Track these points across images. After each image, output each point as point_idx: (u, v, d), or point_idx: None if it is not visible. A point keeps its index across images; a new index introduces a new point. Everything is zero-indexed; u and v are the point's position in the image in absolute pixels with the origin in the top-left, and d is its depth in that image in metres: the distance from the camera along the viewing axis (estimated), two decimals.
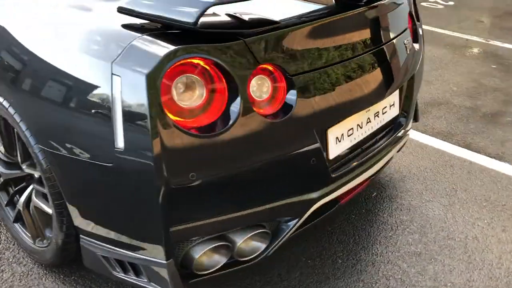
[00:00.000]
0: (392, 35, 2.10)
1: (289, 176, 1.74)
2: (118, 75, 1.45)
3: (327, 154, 1.85)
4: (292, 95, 1.67)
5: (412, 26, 2.36)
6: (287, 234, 1.81)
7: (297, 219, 1.81)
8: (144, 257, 1.63)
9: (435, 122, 3.64)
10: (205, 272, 1.71)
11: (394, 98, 2.20)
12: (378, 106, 2.09)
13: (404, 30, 2.21)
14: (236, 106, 1.53)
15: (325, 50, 1.77)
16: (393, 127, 2.28)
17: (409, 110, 2.38)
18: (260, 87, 1.62)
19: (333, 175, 1.87)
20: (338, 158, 1.94)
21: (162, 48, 1.43)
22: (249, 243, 1.76)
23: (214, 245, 1.66)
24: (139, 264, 1.66)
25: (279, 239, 1.81)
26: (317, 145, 1.76)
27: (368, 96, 1.96)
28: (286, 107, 1.67)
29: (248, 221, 1.71)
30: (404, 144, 2.42)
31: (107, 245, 1.70)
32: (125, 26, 1.57)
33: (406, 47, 2.19)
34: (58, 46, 1.65)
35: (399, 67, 2.11)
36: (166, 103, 1.44)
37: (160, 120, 1.41)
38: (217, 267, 1.72)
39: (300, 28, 1.70)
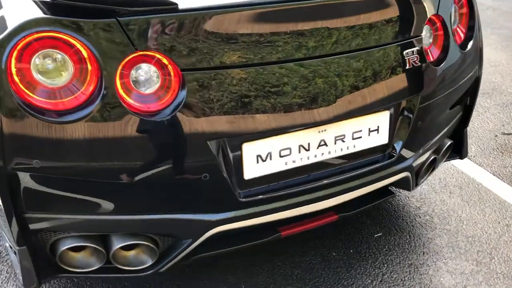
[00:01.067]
0: (365, 41, 1.66)
1: (168, 188, 1.54)
2: None
3: (237, 173, 1.60)
4: (180, 95, 1.45)
5: (444, 36, 1.88)
6: (179, 253, 1.65)
7: (190, 240, 1.63)
8: (7, 242, 1.64)
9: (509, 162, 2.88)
10: (77, 270, 1.63)
11: (377, 121, 1.77)
12: (342, 128, 1.71)
13: (403, 40, 1.75)
14: (97, 95, 1.39)
15: (243, 45, 1.48)
16: (376, 159, 1.84)
17: (411, 141, 1.86)
18: (143, 78, 1.45)
19: (245, 199, 1.62)
20: (261, 180, 1.66)
21: (18, 18, 1.35)
22: (131, 253, 1.65)
23: (80, 244, 1.57)
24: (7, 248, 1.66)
25: (171, 257, 1.67)
26: (212, 159, 1.52)
27: (310, 113, 1.60)
28: (171, 107, 1.46)
29: (120, 229, 1.58)
30: (403, 182, 1.95)
31: None
32: None
33: (402, 60, 1.74)
34: None
35: (375, 83, 1.70)
36: (16, 77, 1.34)
37: (3, 96, 1.33)
38: (91, 269, 1.63)
39: (209, 14, 1.43)
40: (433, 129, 1.98)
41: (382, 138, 1.83)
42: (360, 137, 1.78)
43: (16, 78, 1.35)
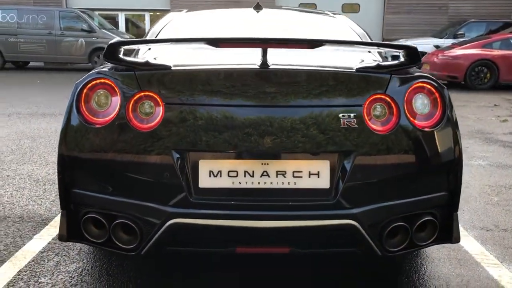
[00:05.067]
0: (310, 100, 2.12)
1: (143, 180, 2.12)
2: None
3: (193, 181, 2.11)
4: (157, 118, 2.13)
5: (391, 113, 2.17)
6: (151, 238, 2.12)
7: (157, 227, 2.10)
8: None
9: None
10: (92, 239, 2.23)
11: (317, 167, 2.12)
12: (283, 165, 2.11)
13: (343, 106, 2.13)
14: (120, 114, 2.17)
15: (209, 91, 2.14)
16: (317, 199, 2.13)
17: (352, 193, 2.12)
18: (140, 107, 2.16)
19: (197, 201, 2.09)
20: (214, 191, 2.11)
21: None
22: (124, 234, 2.17)
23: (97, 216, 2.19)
24: None
25: (146, 241, 2.14)
26: (171, 164, 2.09)
27: (256, 147, 2.06)
28: (155, 124, 2.12)
29: (109, 207, 2.16)
30: (356, 235, 2.13)
31: None
32: None
33: (340, 121, 2.11)
34: None
35: (314, 135, 2.08)
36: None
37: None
38: (99, 240, 2.21)
39: (185, 72, 2.23)
40: (384, 191, 2.18)
41: (322, 183, 2.14)
42: (301, 176, 2.13)
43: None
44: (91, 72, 2.26)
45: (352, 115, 2.14)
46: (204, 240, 2.21)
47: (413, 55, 2.22)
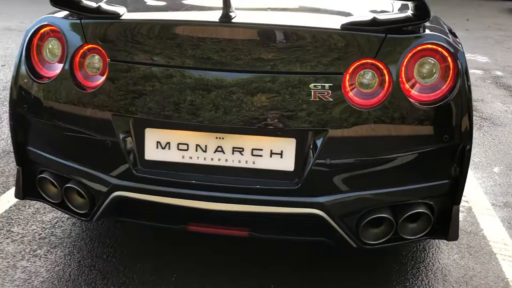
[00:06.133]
0: (277, 65, 1.76)
1: (87, 146, 1.93)
2: None
3: (139, 152, 1.86)
4: (103, 76, 1.86)
5: (382, 83, 1.77)
6: (99, 207, 1.94)
7: (103, 197, 1.92)
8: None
9: None
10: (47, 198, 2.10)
11: (280, 146, 1.79)
12: (241, 141, 1.80)
13: (318, 73, 1.76)
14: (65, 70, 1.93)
15: (160, 49, 1.82)
16: (279, 183, 1.81)
17: (321, 179, 1.79)
18: (86, 63, 1.92)
19: (142, 175, 1.86)
20: (161, 164, 1.86)
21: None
22: (78, 198, 2.01)
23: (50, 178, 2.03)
24: None
25: (95, 209, 1.96)
26: (113, 131, 1.84)
27: (209, 119, 1.76)
28: (99, 85, 1.87)
29: (60, 169, 1.99)
30: (324, 225, 1.83)
31: None
32: None
33: (313, 92, 1.74)
34: None
35: (279, 107, 1.74)
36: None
37: None
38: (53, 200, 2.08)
39: (134, 23, 1.88)
40: (363, 179, 1.83)
41: (286, 165, 1.81)
42: (261, 155, 1.81)
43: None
44: (41, 18, 2.01)
45: (327, 85, 1.75)
46: (152, 215, 2.01)
47: (420, 8, 1.74)
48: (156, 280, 2.13)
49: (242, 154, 1.82)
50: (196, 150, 1.83)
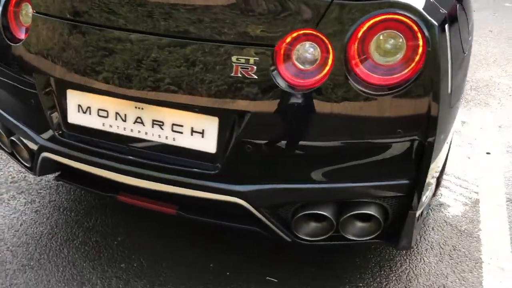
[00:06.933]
0: (200, 32, 1.52)
1: (15, 101, 1.87)
2: None
3: (62, 113, 1.77)
4: (25, 30, 1.78)
5: (324, 60, 1.48)
6: (36, 165, 1.88)
7: (36, 156, 1.86)
8: None
9: None
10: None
11: (202, 124, 1.60)
12: (161, 114, 1.63)
13: (244, 44, 1.50)
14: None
15: (84, 7, 1.65)
16: (200, 165, 1.63)
17: (243, 166, 1.60)
18: (17, 13, 1.82)
19: (65, 139, 1.77)
20: (83, 129, 1.75)
21: None
22: (19, 148, 1.95)
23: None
24: None
25: (34, 163, 1.90)
26: (35, 90, 1.76)
27: (128, 85, 1.59)
28: (22, 39, 1.78)
29: (4, 122, 1.94)
30: (248, 214, 1.65)
31: None
32: None
33: (236, 67, 1.49)
34: None
35: (200, 80, 1.53)
36: None
37: None
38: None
39: None
40: (294, 170, 1.59)
41: (207, 145, 1.61)
42: (181, 132, 1.63)
43: None
44: None
45: (252, 60, 1.49)
46: (85, 180, 1.91)
47: None
48: (108, 242, 2.10)
49: (162, 129, 1.64)
50: (116, 119, 1.69)
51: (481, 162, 2.84)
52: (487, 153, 2.94)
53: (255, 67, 1.49)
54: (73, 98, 1.73)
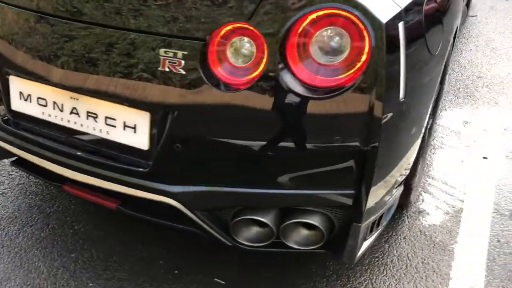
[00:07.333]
0: (130, 22, 1.45)
1: None
2: None
3: (6, 100, 1.75)
4: None
5: (258, 56, 1.38)
6: None
7: None
8: None
9: None
10: None
11: (134, 119, 1.53)
12: (95, 106, 1.58)
13: (172, 36, 1.42)
14: None
15: None
16: (132, 161, 1.58)
17: (173, 166, 1.53)
18: None
19: (8, 127, 1.76)
20: (27, 118, 1.73)
21: None
22: None
23: None
24: None
25: None
26: None
27: (62, 74, 1.57)
28: None
29: None
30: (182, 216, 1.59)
31: None
32: None
33: (163, 61, 1.43)
34: None
35: (128, 72, 1.48)
36: None
37: None
38: None
39: None
40: (227, 172, 1.51)
41: (140, 142, 1.55)
42: (114, 126, 1.58)
43: None
44: None
45: (180, 54, 1.40)
46: (33, 168, 1.87)
47: None
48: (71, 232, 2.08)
49: (96, 121, 1.60)
50: (54, 108, 1.66)
51: (475, 167, 2.66)
52: (484, 157, 2.75)
53: (183, 62, 1.40)
54: (15, 85, 1.72)
